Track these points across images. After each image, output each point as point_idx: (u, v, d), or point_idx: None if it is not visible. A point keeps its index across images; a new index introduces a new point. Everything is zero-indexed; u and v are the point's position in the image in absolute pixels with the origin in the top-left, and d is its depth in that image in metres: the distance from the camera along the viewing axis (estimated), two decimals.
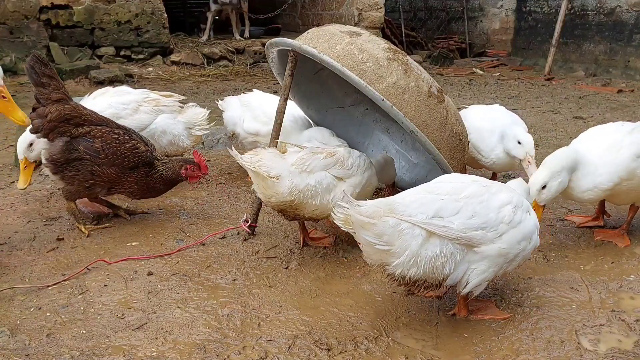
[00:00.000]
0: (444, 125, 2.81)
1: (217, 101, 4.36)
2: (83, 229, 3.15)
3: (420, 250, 2.06)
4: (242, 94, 4.23)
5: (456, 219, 2.10)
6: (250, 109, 4.02)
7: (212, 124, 4.13)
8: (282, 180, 2.62)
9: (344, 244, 3.01)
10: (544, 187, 2.74)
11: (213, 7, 10.51)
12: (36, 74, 2.99)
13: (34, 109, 3.04)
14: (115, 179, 3.11)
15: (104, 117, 3.22)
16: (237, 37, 10.68)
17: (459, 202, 2.14)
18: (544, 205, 2.79)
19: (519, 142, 3.31)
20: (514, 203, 2.24)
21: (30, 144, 3.29)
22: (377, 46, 2.85)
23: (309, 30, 3.08)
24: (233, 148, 2.69)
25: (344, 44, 2.83)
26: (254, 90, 4.28)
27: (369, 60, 2.77)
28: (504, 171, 3.82)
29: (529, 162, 3.25)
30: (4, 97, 2.30)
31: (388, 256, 2.07)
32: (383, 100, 2.69)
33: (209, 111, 4.08)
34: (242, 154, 2.67)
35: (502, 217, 2.18)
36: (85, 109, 3.15)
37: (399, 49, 2.93)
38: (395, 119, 2.77)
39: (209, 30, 10.63)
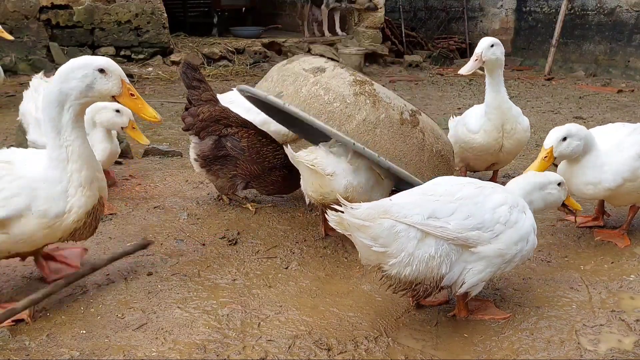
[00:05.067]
0: (422, 149, 2.77)
1: None
2: (250, 207, 3.45)
3: (416, 251, 2.06)
4: (223, 94, 4.16)
5: (452, 219, 2.11)
6: (237, 104, 3.88)
7: None
8: (337, 177, 2.73)
9: (344, 244, 3.01)
10: (565, 139, 2.74)
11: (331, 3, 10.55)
12: (188, 78, 3.41)
13: (186, 109, 3.42)
14: (255, 176, 3.38)
15: (247, 120, 3.51)
16: (328, 34, 10.84)
17: (454, 203, 2.15)
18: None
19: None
20: (509, 203, 2.24)
21: (117, 110, 3.48)
22: (342, 82, 2.78)
23: (274, 69, 3.05)
24: (289, 146, 2.78)
25: (309, 86, 2.78)
26: (232, 89, 4.15)
27: (336, 100, 2.72)
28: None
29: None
30: (132, 94, 2.34)
31: (384, 257, 2.08)
32: (354, 144, 2.64)
33: None
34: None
35: (497, 218, 2.18)
36: (231, 111, 3.46)
37: (365, 79, 2.86)
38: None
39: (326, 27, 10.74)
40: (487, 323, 2.31)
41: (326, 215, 2.05)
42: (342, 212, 2.02)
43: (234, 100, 3.97)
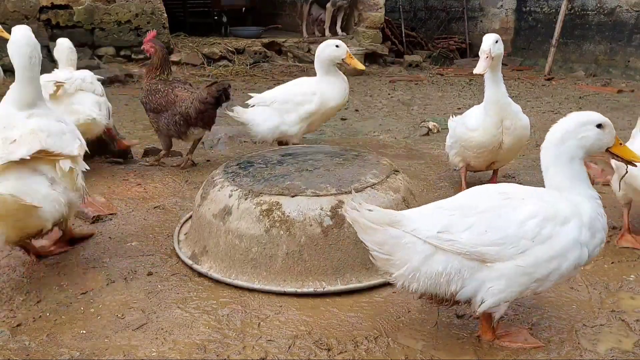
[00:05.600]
0: (358, 242, 2.41)
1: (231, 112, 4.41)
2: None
3: (422, 266, 1.97)
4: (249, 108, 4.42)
5: (466, 234, 1.96)
6: (281, 107, 4.28)
7: None
8: None
9: None
10: None
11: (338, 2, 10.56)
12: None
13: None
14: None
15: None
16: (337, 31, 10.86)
17: (471, 217, 1.99)
18: None
19: None
20: (541, 216, 1.97)
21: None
22: (250, 220, 2.58)
23: (190, 221, 3.00)
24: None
25: (223, 236, 2.65)
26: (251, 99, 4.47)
27: (252, 245, 2.56)
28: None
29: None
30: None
31: (389, 266, 2.02)
32: (315, 290, 2.47)
33: None
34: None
35: (524, 233, 1.95)
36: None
37: (272, 203, 2.60)
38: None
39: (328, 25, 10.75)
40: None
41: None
42: (358, 210, 1.97)
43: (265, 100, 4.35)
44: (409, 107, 7.00)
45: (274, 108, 4.30)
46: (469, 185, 3.82)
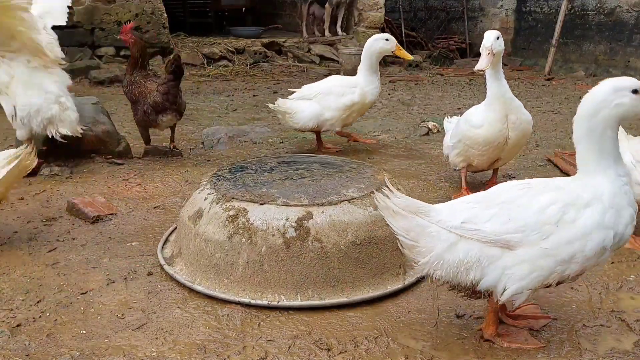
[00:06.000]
0: (326, 256, 2.43)
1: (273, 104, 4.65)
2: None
3: (445, 254, 2.02)
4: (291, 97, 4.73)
5: (489, 224, 1.99)
6: (324, 97, 4.56)
7: None
8: None
9: None
10: None
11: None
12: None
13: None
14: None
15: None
16: (327, 33, 10.91)
17: (493, 208, 2.03)
18: None
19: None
20: (561, 201, 1.97)
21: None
22: (217, 225, 2.53)
23: (175, 229, 2.97)
24: None
25: (193, 239, 2.61)
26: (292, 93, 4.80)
27: (216, 250, 2.51)
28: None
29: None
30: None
31: (415, 253, 2.07)
32: (250, 301, 2.40)
33: None
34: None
35: (546, 219, 1.95)
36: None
37: (239, 209, 2.53)
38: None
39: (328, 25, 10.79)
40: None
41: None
42: (388, 197, 2.04)
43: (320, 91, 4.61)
44: (409, 107, 7.00)
45: (316, 99, 4.59)
46: (470, 185, 3.82)
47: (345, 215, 2.50)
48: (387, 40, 4.51)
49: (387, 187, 2.07)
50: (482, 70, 3.36)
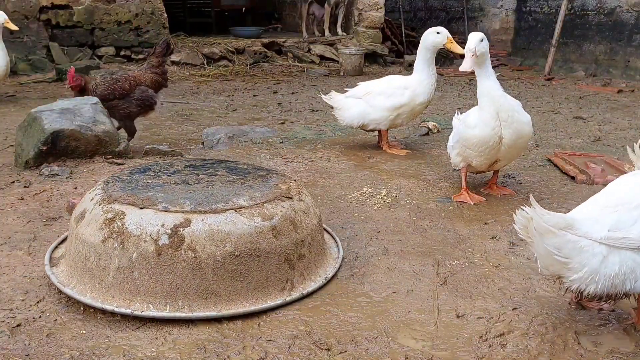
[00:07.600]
0: (199, 267, 2.29)
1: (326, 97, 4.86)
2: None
3: (600, 267, 1.98)
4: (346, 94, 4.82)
5: (634, 229, 1.98)
6: (373, 97, 4.60)
7: None
8: None
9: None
10: None
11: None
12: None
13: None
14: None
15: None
16: (327, 34, 10.96)
17: (635, 210, 2.01)
18: None
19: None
20: None
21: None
22: (94, 227, 2.41)
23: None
24: None
25: (74, 240, 2.49)
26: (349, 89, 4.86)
27: (91, 254, 2.40)
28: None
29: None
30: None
31: (565, 270, 2.03)
32: (132, 312, 2.27)
33: None
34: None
35: None
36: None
37: (117, 212, 2.41)
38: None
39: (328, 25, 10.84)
40: (488, 324, 2.30)
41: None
42: (530, 215, 1.97)
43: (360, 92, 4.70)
44: None
45: (365, 99, 4.64)
46: (470, 185, 3.82)
47: (227, 224, 2.35)
48: (438, 33, 4.39)
49: (533, 206, 1.98)
50: (466, 72, 3.41)
